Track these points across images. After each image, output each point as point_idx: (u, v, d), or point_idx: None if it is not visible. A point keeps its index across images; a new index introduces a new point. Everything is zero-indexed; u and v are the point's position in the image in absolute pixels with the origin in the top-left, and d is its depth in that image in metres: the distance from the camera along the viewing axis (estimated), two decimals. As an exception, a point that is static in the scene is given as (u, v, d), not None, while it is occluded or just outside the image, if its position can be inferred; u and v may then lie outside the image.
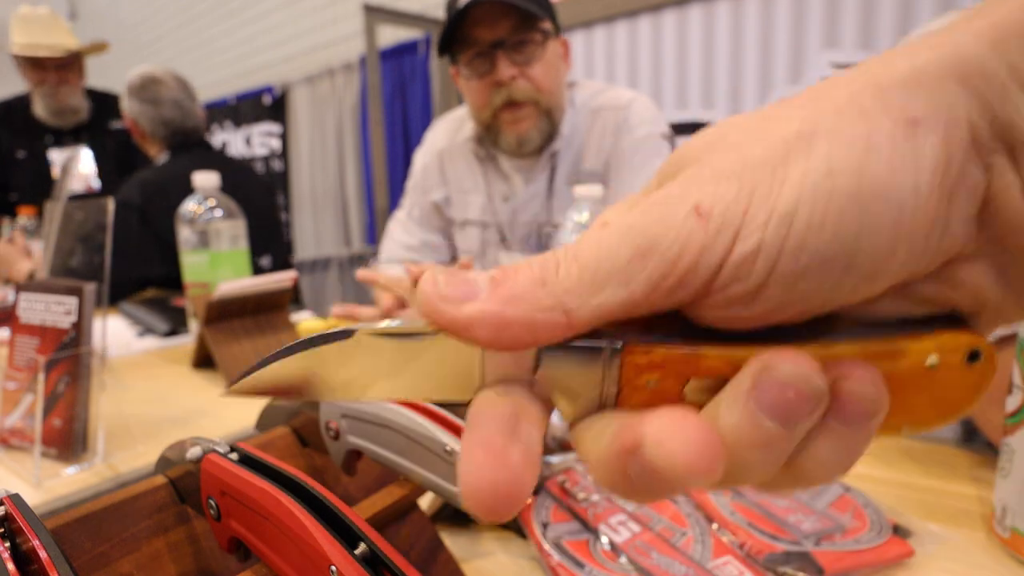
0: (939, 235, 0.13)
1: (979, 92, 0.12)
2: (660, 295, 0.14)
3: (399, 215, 1.24)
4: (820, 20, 1.52)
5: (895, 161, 0.12)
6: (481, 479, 0.14)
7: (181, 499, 0.31)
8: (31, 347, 0.59)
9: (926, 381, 0.14)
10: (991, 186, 0.13)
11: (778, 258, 0.13)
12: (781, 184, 0.13)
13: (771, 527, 0.40)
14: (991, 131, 0.12)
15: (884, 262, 0.13)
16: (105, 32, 4.35)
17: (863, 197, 0.12)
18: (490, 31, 0.94)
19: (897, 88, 0.13)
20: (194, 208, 0.91)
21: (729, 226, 0.13)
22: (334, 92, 3.10)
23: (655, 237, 0.14)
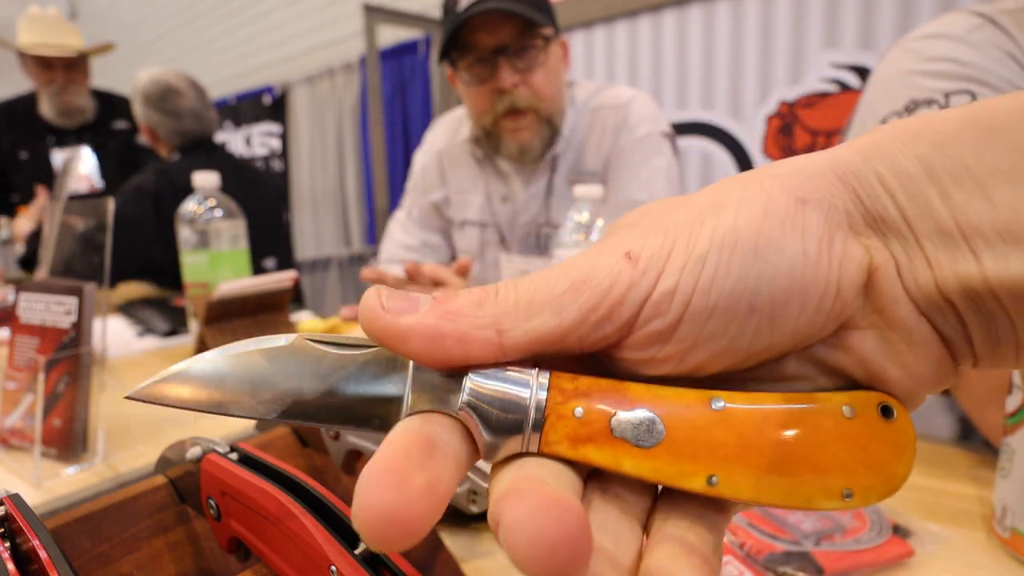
0: (832, 297, 0.15)
1: (852, 188, 0.15)
2: (588, 327, 0.15)
3: (399, 215, 1.24)
4: (820, 20, 1.52)
5: (787, 226, 0.15)
6: (372, 502, 0.13)
7: (181, 499, 0.31)
8: (31, 347, 0.59)
9: (849, 433, 0.15)
10: (872, 263, 0.15)
11: (692, 295, 0.15)
12: (696, 237, 0.15)
13: (771, 527, 0.40)
14: (864, 220, 0.15)
15: (782, 308, 0.15)
16: (105, 32, 4.36)
17: (760, 249, 0.15)
18: (492, 37, 0.93)
19: (790, 175, 0.16)
20: (194, 208, 0.91)
21: (653, 269, 0.15)
22: (334, 92, 3.10)
23: (589, 273, 0.15)
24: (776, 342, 0.15)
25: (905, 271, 0.15)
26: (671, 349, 0.15)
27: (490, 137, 1.04)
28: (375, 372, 0.17)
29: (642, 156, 1.01)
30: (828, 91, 1.53)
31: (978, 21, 0.56)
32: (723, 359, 0.16)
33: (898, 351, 0.15)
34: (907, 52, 0.60)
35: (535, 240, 1.08)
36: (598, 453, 0.15)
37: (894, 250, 0.15)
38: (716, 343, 0.15)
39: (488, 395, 0.16)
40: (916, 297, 0.15)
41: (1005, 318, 0.14)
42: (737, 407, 0.15)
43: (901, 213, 0.15)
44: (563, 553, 0.12)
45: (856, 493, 0.15)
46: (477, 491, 0.30)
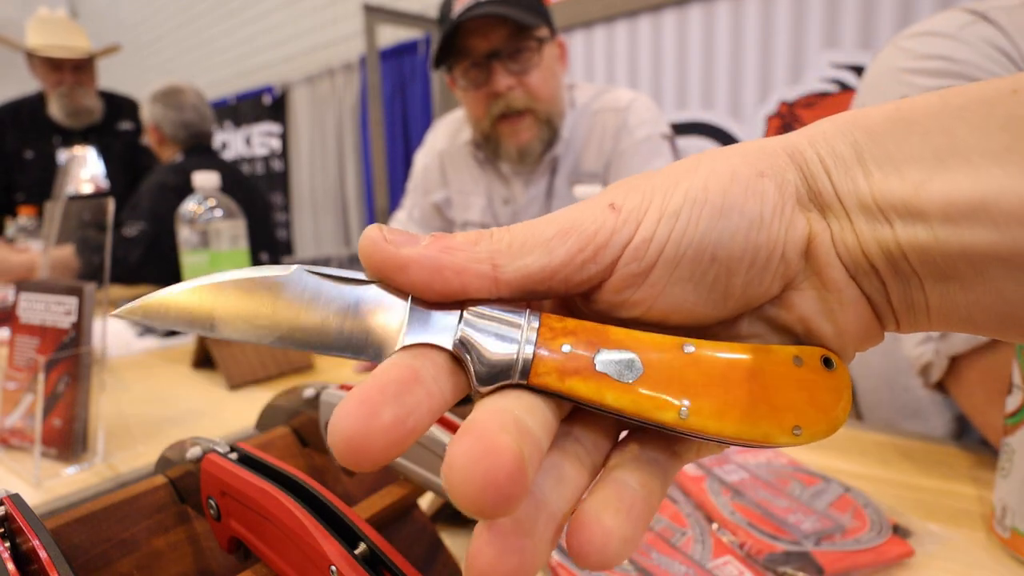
0: (778, 258, 0.17)
1: (799, 166, 0.18)
2: (574, 267, 0.17)
3: (399, 216, 1.24)
4: (820, 20, 1.52)
5: (748, 192, 0.17)
6: (340, 429, 0.14)
7: (181, 499, 0.31)
8: (31, 347, 0.59)
9: (798, 378, 0.17)
10: (811, 232, 0.17)
11: (666, 243, 0.17)
12: (672, 194, 0.17)
13: (771, 527, 0.40)
14: (807, 194, 0.18)
15: (737, 262, 0.17)
16: (105, 32, 4.36)
17: (725, 208, 0.17)
18: (485, 41, 0.94)
19: (752, 153, 0.18)
20: (194, 208, 0.91)
21: (633, 218, 0.17)
22: (334, 92, 3.10)
23: (576, 220, 0.18)
24: (731, 293, 0.18)
25: (837, 239, 0.17)
26: (643, 293, 0.18)
27: (489, 141, 1.04)
28: (372, 305, 0.17)
29: (642, 158, 1.01)
30: (828, 91, 1.53)
31: (970, 18, 0.56)
32: (685, 307, 0.18)
33: (831, 310, 0.18)
34: (900, 50, 0.60)
35: None
36: (583, 385, 0.17)
37: (829, 221, 0.17)
38: (682, 289, 0.18)
39: (483, 328, 0.17)
40: (846, 261, 0.17)
41: (916, 281, 0.17)
42: (705, 352, 0.17)
43: (835, 189, 0.17)
44: (489, 496, 0.13)
45: (804, 430, 0.17)
46: (477, 491, 0.30)
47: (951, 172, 0.16)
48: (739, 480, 0.45)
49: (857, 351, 0.19)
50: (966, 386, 0.52)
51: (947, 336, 0.51)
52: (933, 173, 0.16)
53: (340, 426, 0.14)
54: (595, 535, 0.15)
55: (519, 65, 0.95)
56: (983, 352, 0.49)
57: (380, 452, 0.14)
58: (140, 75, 4.34)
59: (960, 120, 0.16)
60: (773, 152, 0.18)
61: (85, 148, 1.91)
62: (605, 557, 0.15)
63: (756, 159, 0.18)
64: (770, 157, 0.18)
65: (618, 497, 0.16)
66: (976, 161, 0.15)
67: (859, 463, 0.52)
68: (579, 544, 0.15)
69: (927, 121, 0.16)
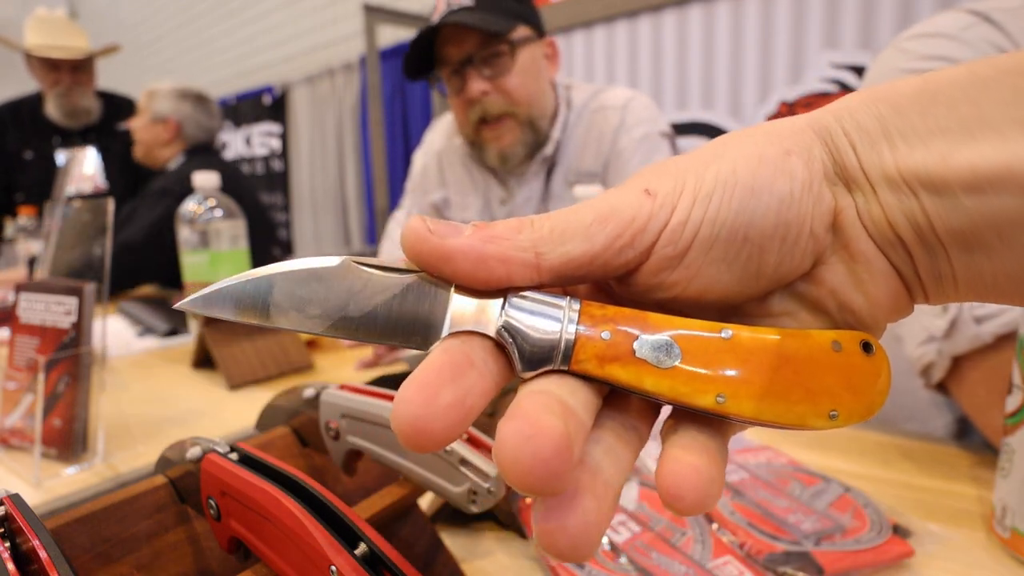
0: (807, 234, 0.18)
1: (825, 143, 0.18)
2: (613, 252, 0.18)
3: (398, 215, 1.24)
4: (820, 20, 1.52)
5: (777, 172, 0.17)
6: (404, 414, 0.15)
7: (181, 499, 0.31)
8: (31, 347, 0.59)
9: (836, 363, 0.17)
10: (837, 206, 0.18)
11: (700, 225, 0.17)
12: (703, 178, 0.18)
13: (771, 527, 0.40)
14: (834, 169, 0.18)
15: (769, 240, 0.18)
16: (105, 32, 4.35)
17: (755, 189, 0.17)
18: (458, 49, 0.94)
19: (778, 132, 0.18)
20: (194, 208, 0.91)
21: (668, 203, 0.18)
22: (334, 92, 3.10)
23: (615, 206, 0.18)
24: (763, 271, 0.18)
25: (863, 212, 0.18)
26: (679, 275, 0.18)
27: (474, 146, 1.05)
28: (418, 294, 0.18)
29: (641, 157, 1.01)
30: (828, 91, 1.53)
31: (972, 19, 0.56)
32: (719, 286, 0.18)
33: (862, 282, 0.18)
34: (901, 52, 0.60)
35: None
36: (623, 371, 0.17)
37: (855, 195, 0.18)
38: (716, 269, 0.18)
39: (525, 316, 0.17)
40: (873, 234, 0.18)
41: (943, 251, 0.17)
42: (743, 336, 0.17)
43: (860, 163, 0.17)
44: (538, 473, 0.14)
45: (841, 414, 0.17)
46: (477, 491, 0.30)
47: (978, 142, 0.16)
48: (739, 480, 0.45)
49: (888, 323, 0.19)
50: (968, 386, 0.52)
51: (950, 336, 0.51)
52: (959, 143, 0.16)
53: (403, 411, 0.15)
54: (686, 473, 0.16)
55: (492, 70, 0.95)
56: (986, 352, 0.49)
57: (442, 433, 0.15)
58: (140, 75, 4.34)
59: (988, 91, 0.16)
60: (799, 129, 0.18)
61: (85, 148, 1.91)
62: (698, 494, 0.16)
63: (782, 138, 0.18)
64: (796, 135, 0.18)
65: (693, 443, 0.17)
66: (1004, 130, 0.15)
67: (859, 463, 0.52)
68: (672, 485, 0.16)
69: (954, 92, 0.16)
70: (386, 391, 0.34)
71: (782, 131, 0.18)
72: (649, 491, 0.45)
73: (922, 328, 0.54)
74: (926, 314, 0.53)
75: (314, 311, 0.18)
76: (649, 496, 0.44)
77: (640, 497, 0.44)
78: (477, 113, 0.98)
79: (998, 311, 0.47)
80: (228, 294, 0.18)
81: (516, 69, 0.96)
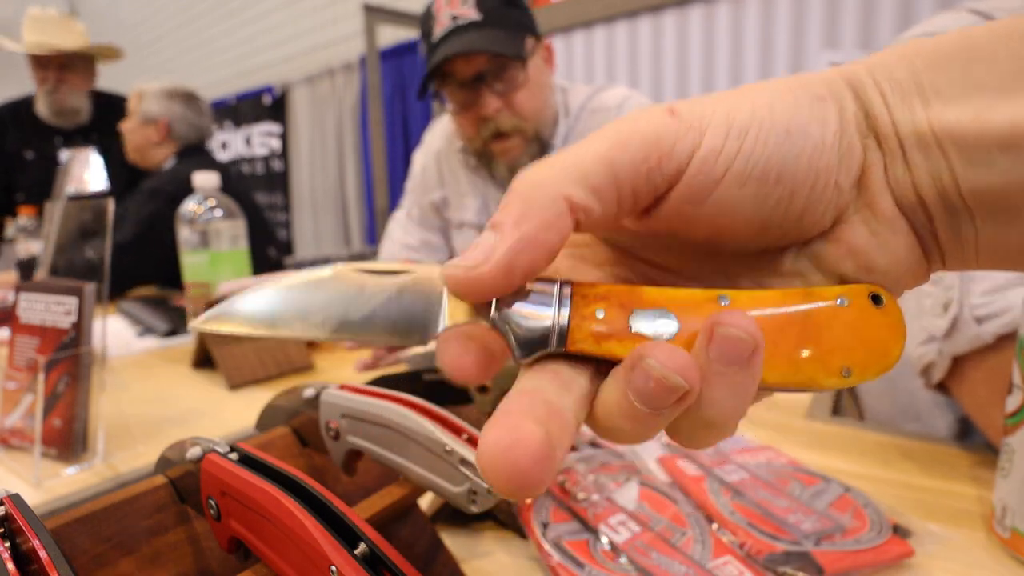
0: (833, 187, 0.17)
1: (857, 95, 0.17)
2: (641, 179, 0.17)
3: (398, 215, 1.24)
4: (820, 20, 1.52)
5: (812, 116, 0.17)
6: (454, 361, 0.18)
7: (181, 499, 0.31)
8: (31, 347, 0.59)
9: (844, 319, 0.17)
10: (865, 161, 0.17)
11: (735, 159, 0.17)
12: (737, 111, 0.17)
13: (771, 527, 0.40)
14: (865, 123, 0.17)
15: (800, 185, 0.17)
16: (105, 32, 4.35)
17: (791, 130, 0.17)
18: (469, 66, 0.94)
19: (811, 81, 0.18)
20: (194, 208, 0.91)
21: (696, 127, 0.17)
22: (334, 92, 3.10)
23: (636, 129, 0.17)
24: (788, 218, 0.18)
25: (890, 169, 0.17)
26: (706, 210, 0.17)
27: (483, 157, 1.05)
28: (413, 294, 0.19)
29: None
30: (828, 91, 1.53)
31: (973, 19, 0.56)
32: (741, 228, 0.18)
33: (884, 241, 0.18)
34: None
35: None
36: (620, 347, 0.17)
37: (884, 150, 0.17)
38: (743, 209, 0.17)
39: (519, 303, 0.18)
40: (896, 193, 0.17)
41: (968, 216, 0.17)
42: (742, 299, 0.17)
43: (891, 117, 0.17)
44: (516, 483, 0.15)
45: (855, 370, 0.17)
46: (477, 491, 0.30)
47: (1017, 99, 0.15)
48: (739, 480, 0.45)
49: (906, 289, 0.18)
50: (969, 386, 0.52)
51: (950, 336, 0.51)
52: (998, 99, 0.15)
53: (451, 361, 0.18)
54: None
55: (504, 85, 0.95)
56: (986, 353, 0.49)
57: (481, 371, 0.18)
58: (140, 75, 4.34)
59: None
60: (832, 80, 0.18)
61: (86, 148, 1.90)
62: None
63: (816, 86, 0.18)
64: (829, 84, 0.18)
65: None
66: None
67: (859, 463, 0.52)
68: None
69: (995, 48, 0.16)
70: (386, 391, 0.34)
71: (815, 79, 0.18)
72: (649, 491, 0.45)
73: (922, 328, 0.54)
74: (926, 314, 0.53)
75: (316, 319, 0.19)
76: (649, 496, 0.44)
77: (640, 497, 0.44)
78: (490, 129, 0.97)
79: (999, 311, 0.47)
80: (235, 312, 0.19)
81: (527, 83, 0.96)
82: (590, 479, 0.45)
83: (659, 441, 0.52)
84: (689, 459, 0.48)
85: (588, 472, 0.46)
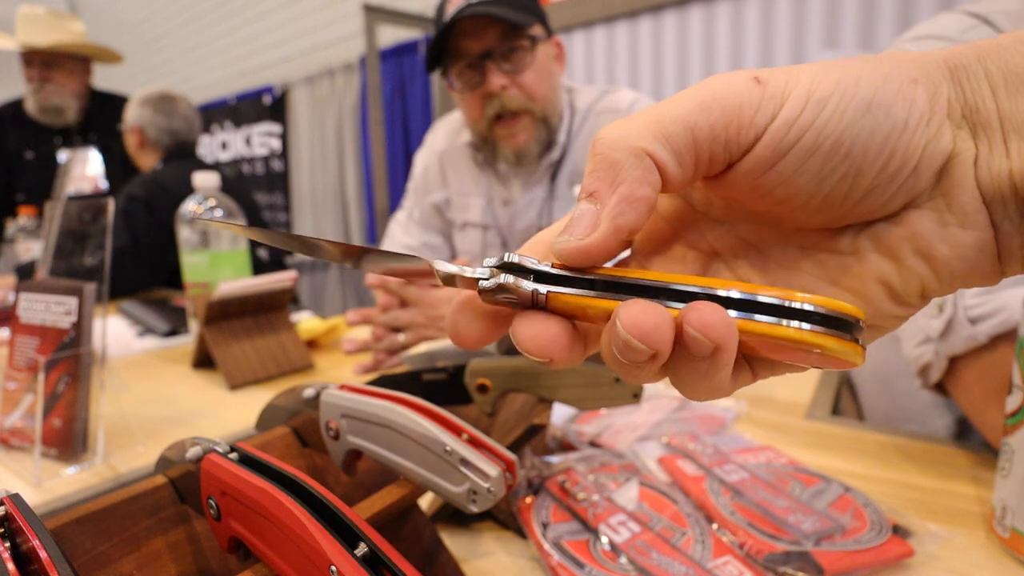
0: (910, 171, 0.17)
1: (959, 81, 0.17)
2: (720, 146, 0.17)
3: (399, 216, 1.24)
4: (820, 20, 1.52)
5: (899, 95, 0.16)
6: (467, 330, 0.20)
7: (181, 499, 0.31)
8: (31, 347, 0.59)
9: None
10: (953, 150, 0.17)
11: (807, 130, 0.16)
12: (821, 81, 0.17)
13: (771, 527, 0.40)
14: (962, 111, 0.17)
15: (870, 163, 0.16)
16: (105, 32, 4.36)
17: (874, 106, 0.16)
18: (478, 42, 0.94)
19: (908, 61, 0.17)
20: (194, 208, 0.91)
21: (778, 95, 0.17)
22: (334, 92, 3.10)
23: (719, 93, 0.17)
24: (851, 196, 0.17)
25: (982, 161, 0.16)
26: (769, 179, 0.17)
27: (487, 143, 1.04)
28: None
29: None
30: (828, 91, 1.53)
31: (972, 21, 0.56)
32: (800, 201, 0.17)
33: (952, 233, 0.17)
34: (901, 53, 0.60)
35: None
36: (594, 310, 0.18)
37: (979, 141, 0.16)
38: (806, 181, 0.17)
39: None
40: (985, 186, 0.16)
41: None
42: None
43: (997, 106, 0.16)
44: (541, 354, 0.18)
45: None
46: (477, 491, 0.30)
47: None
48: (739, 480, 0.45)
49: (964, 287, 0.18)
50: (965, 386, 0.52)
51: (945, 337, 0.51)
52: None
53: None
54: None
55: (512, 64, 0.95)
56: (981, 353, 0.49)
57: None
58: (140, 75, 4.34)
59: None
60: (932, 62, 0.17)
61: (86, 148, 1.90)
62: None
63: (912, 67, 0.17)
64: (927, 66, 0.17)
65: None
66: None
67: (859, 463, 0.52)
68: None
69: None
70: (386, 391, 0.34)
71: (913, 60, 0.17)
72: (649, 491, 0.45)
73: (918, 329, 0.54)
74: (922, 315, 0.53)
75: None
76: (649, 496, 0.44)
77: (640, 497, 0.44)
78: (495, 108, 0.97)
79: (993, 311, 0.47)
80: None
81: (534, 66, 0.96)
82: (590, 479, 0.45)
83: (659, 441, 0.52)
84: (689, 459, 0.48)
85: (588, 472, 0.46)
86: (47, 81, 1.85)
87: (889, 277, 0.18)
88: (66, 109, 1.90)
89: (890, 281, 0.18)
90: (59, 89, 1.88)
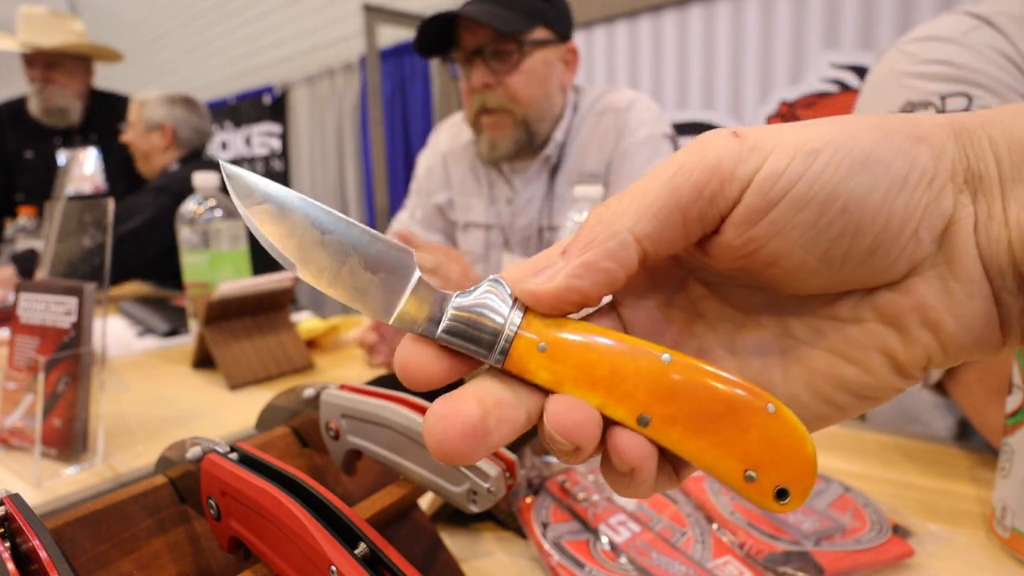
0: (910, 235, 0.16)
1: (963, 145, 0.16)
2: (705, 202, 0.17)
3: (402, 216, 1.24)
4: (820, 20, 1.52)
5: (900, 152, 0.16)
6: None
7: (181, 499, 0.31)
8: (31, 347, 0.59)
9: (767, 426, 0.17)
10: (954, 215, 0.16)
11: (797, 181, 0.16)
12: (811, 135, 0.16)
13: (771, 527, 0.40)
14: (964, 175, 0.16)
15: (868, 221, 0.16)
16: (105, 32, 4.35)
17: (871, 160, 0.16)
18: (472, 38, 0.96)
19: (910, 121, 0.17)
20: (194, 208, 0.91)
21: (760, 148, 0.16)
22: (334, 92, 3.10)
23: (697, 154, 0.17)
24: (851, 257, 0.16)
25: (982, 229, 0.16)
26: (760, 231, 0.16)
27: (474, 131, 1.07)
28: (386, 266, 0.19)
29: (644, 158, 1.01)
30: (828, 91, 1.53)
31: (974, 23, 0.56)
32: (798, 258, 0.17)
33: (958, 303, 0.16)
34: (902, 55, 0.60)
35: (536, 243, 1.09)
36: (547, 375, 0.18)
37: (978, 207, 0.16)
38: (801, 235, 0.16)
39: (464, 318, 0.18)
40: (986, 255, 0.16)
41: None
42: (681, 367, 0.17)
43: (999, 174, 0.16)
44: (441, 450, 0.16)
45: (758, 476, 0.17)
46: (477, 491, 0.30)
47: None
48: (739, 480, 0.45)
49: (968, 359, 0.17)
50: (964, 387, 0.52)
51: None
52: None
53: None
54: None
55: (500, 64, 0.97)
56: None
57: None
58: (140, 75, 4.34)
59: None
60: (937, 123, 0.17)
61: (86, 148, 1.90)
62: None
63: (916, 126, 0.17)
64: (933, 127, 0.17)
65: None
66: None
67: (859, 463, 0.52)
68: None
69: None
70: (386, 391, 0.34)
71: (919, 120, 0.17)
72: (649, 491, 0.45)
73: None
74: None
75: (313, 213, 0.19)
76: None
77: (640, 497, 0.44)
78: (478, 102, 1.00)
79: None
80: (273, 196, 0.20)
81: (522, 69, 0.97)
82: (590, 479, 0.45)
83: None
84: (689, 459, 0.48)
85: (588, 472, 0.46)
86: (49, 82, 1.85)
87: (893, 348, 0.17)
88: (70, 110, 1.89)
89: (894, 352, 0.17)
90: (62, 90, 1.87)
